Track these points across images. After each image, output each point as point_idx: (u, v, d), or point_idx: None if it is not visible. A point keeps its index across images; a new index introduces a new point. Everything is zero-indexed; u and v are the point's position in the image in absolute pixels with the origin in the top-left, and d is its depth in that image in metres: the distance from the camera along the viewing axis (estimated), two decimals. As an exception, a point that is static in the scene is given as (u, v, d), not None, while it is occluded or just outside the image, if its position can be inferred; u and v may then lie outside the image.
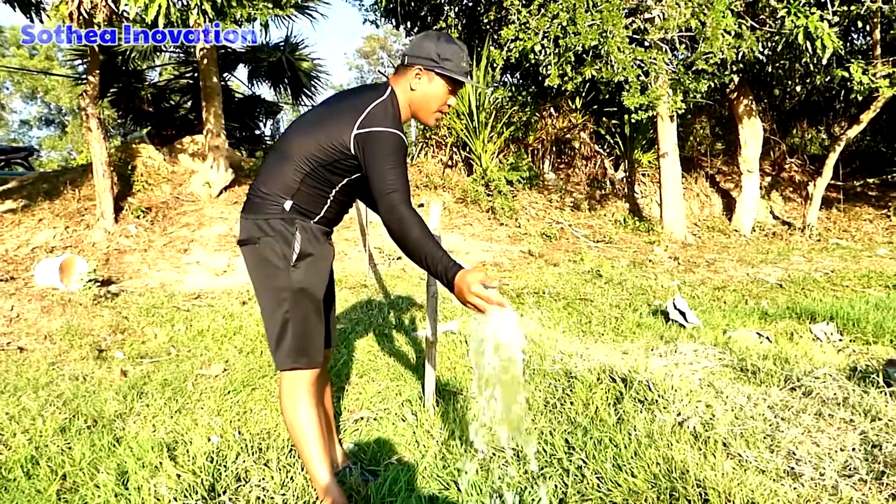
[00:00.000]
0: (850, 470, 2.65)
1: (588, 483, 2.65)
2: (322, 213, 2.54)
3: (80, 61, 13.13)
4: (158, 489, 2.61)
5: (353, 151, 2.39)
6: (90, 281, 6.52)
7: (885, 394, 3.29)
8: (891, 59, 10.24)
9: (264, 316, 2.53)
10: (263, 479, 2.76)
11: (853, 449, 2.80)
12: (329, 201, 2.54)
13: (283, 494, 2.65)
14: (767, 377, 3.75)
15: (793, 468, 2.67)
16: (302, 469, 2.77)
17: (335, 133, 2.41)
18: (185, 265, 8.17)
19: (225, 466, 2.86)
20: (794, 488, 2.51)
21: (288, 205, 2.47)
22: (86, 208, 9.32)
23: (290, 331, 2.48)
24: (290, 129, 2.61)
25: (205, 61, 9.99)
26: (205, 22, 6.96)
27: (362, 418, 3.54)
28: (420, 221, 2.24)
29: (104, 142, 8.70)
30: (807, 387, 3.50)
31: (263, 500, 2.63)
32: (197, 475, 2.75)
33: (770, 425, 3.05)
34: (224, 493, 2.67)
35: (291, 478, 2.75)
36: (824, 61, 9.43)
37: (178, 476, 2.75)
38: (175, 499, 2.57)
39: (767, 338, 4.94)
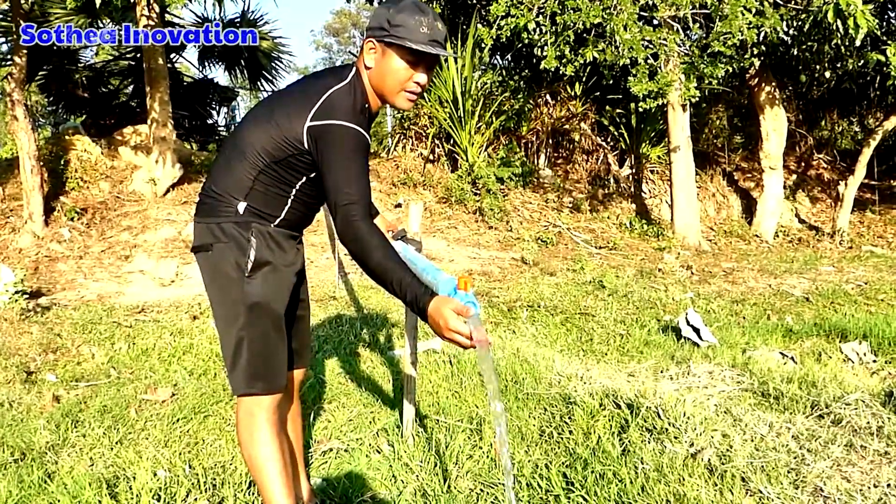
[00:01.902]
0: (884, 507, 2.69)
1: (589, 523, 2.69)
2: (283, 216, 2.51)
3: (3, 40, 13.05)
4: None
5: (306, 146, 2.37)
6: (17, 293, 6.48)
7: (924, 421, 3.35)
8: (933, 41, 10.36)
9: (219, 333, 2.54)
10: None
11: (888, 485, 2.84)
12: (290, 202, 2.51)
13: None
14: (792, 403, 3.80)
15: (820, 506, 2.72)
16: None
17: (287, 124, 2.38)
18: (126, 274, 8.14)
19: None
20: (822, 528, 2.55)
21: (242, 206, 2.45)
22: (11, 209, 9.28)
23: (245, 351, 2.46)
24: (244, 120, 2.60)
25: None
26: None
27: (331, 450, 3.55)
28: (381, 241, 2.23)
29: (32, 133, 8.66)
30: (836, 414, 3.55)
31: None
32: (142, 515, 2.76)
33: (795, 458, 3.09)
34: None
35: (250, 518, 2.76)
36: (857, 43, 9.52)
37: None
38: (117, 543, 2.58)
39: (792, 358, 5.00)
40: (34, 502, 2.95)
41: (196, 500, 2.91)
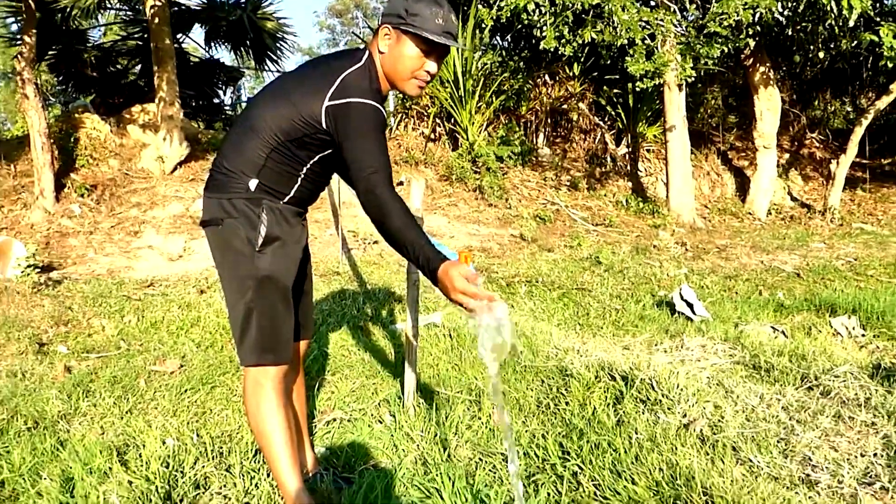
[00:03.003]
0: (870, 477, 2.70)
1: (584, 491, 2.70)
2: (292, 193, 2.53)
3: (13, 19, 12.97)
4: (108, 497, 2.63)
5: (324, 125, 2.38)
6: (29, 267, 6.49)
7: (910, 393, 3.36)
8: (925, 22, 10.30)
9: (228, 306, 2.55)
10: (225, 485, 2.79)
11: (874, 454, 2.85)
12: (300, 179, 2.53)
13: (247, 503, 2.67)
14: (782, 375, 3.81)
15: (808, 475, 2.72)
16: (268, 475, 2.80)
17: (304, 104, 2.40)
18: (135, 249, 8.14)
19: (182, 472, 2.88)
20: (810, 497, 2.56)
21: (253, 183, 2.46)
22: (23, 186, 9.26)
23: (254, 323, 2.48)
24: (257, 98, 2.60)
25: (156, 20, 9.91)
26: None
27: (335, 420, 3.56)
28: (402, 207, 2.25)
29: (43, 111, 8.63)
30: (825, 386, 3.56)
31: (225, 509, 2.66)
32: (151, 482, 2.77)
33: (784, 428, 3.10)
34: (181, 501, 2.69)
35: (256, 484, 2.77)
36: (851, 23, 9.47)
37: (130, 483, 2.77)
38: (127, 508, 2.60)
39: (783, 332, 5.01)
40: (47, 468, 2.96)
41: (203, 467, 2.92)
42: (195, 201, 9.21)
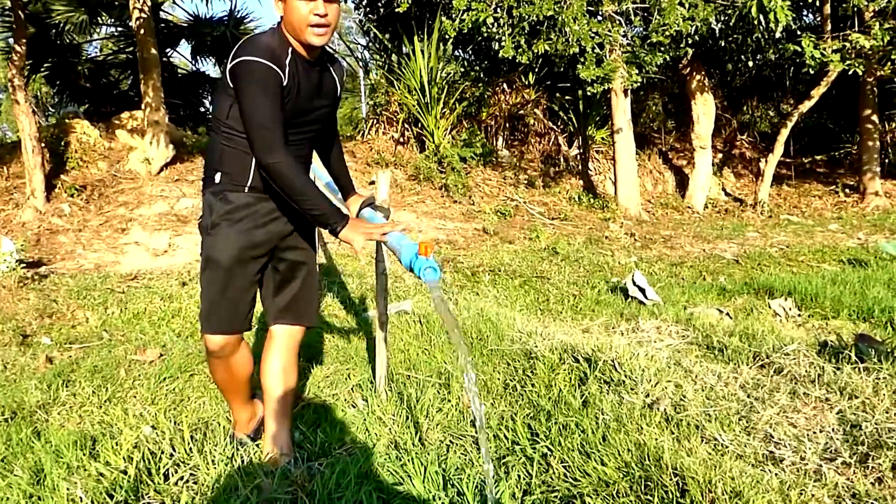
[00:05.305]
0: (831, 452, 2.48)
1: (554, 472, 2.45)
2: (251, 178, 2.49)
3: (9, 33, 12.46)
4: (73, 490, 2.32)
5: (232, 87, 2.35)
6: (17, 262, 6.09)
7: (860, 370, 3.14)
8: (841, 34, 10.26)
9: None
10: (196, 471, 2.50)
11: (832, 430, 2.63)
12: (253, 162, 2.46)
13: (218, 487, 2.39)
14: (735, 355, 3.59)
15: (772, 452, 2.49)
16: (242, 460, 2.54)
17: (225, 79, 2.41)
18: (122, 245, 7.75)
19: (157, 459, 2.59)
20: (776, 474, 2.33)
21: (218, 176, 2.51)
22: (15, 186, 8.80)
23: (204, 296, 2.56)
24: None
25: (142, 31, 9.48)
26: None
27: (309, 405, 3.29)
28: (298, 169, 2.32)
29: (33, 116, 8.19)
30: (777, 364, 3.35)
31: (197, 494, 2.36)
32: (123, 472, 2.47)
33: (744, 406, 2.87)
34: (152, 489, 2.39)
35: (230, 469, 2.49)
36: (777, 35, 9.40)
37: (108, 465, 2.47)
38: (94, 501, 2.29)
39: (728, 314, 4.84)
40: (20, 461, 2.65)
41: (177, 454, 2.63)
42: (179, 200, 8.83)
